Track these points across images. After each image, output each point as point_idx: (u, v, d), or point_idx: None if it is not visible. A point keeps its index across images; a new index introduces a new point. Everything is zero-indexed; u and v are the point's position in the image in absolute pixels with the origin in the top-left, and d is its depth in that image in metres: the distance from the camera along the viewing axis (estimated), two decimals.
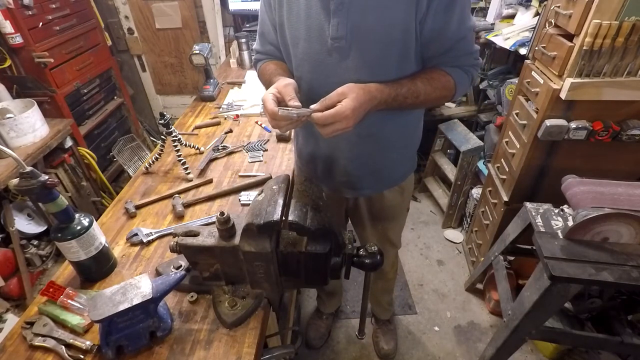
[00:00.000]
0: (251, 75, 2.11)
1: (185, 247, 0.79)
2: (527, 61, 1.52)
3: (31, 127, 1.80)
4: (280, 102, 0.80)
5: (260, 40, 1.05)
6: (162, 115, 1.23)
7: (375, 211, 1.24)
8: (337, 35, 0.83)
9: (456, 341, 1.78)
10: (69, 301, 0.85)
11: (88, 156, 2.24)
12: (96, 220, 0.93)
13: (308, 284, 0.84)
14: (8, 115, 1.76)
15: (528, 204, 1.34)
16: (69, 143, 2.08)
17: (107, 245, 0.94)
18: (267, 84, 0.96)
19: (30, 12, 1.87)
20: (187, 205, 1.17)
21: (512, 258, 1.73)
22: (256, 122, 1.65)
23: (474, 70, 0.94)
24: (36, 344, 0.79)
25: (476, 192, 2.14)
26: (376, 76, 0.85)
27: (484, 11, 2.14)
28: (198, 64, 1.82)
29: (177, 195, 1.21)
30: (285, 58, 1.00)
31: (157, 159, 1.34)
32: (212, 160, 1.39)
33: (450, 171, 2.35)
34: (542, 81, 1.35)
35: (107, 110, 2.52)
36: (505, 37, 1.81)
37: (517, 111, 1.54)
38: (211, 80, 1.90)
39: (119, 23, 2.73)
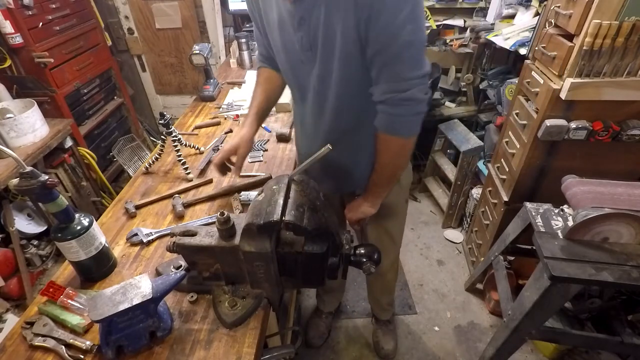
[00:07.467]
0: (251, 75, 2.11)
1: (183, 247, 0.78)
2: (527, 61, 1.52)
3: (31, 127, 1.80)
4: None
5: (258, 43, 1.12)
6: (162, 115, 1.23)
7: None
8: (302, 47, 0.88)
9: (456, 341, 1.78)
10: (69, 301, 0.85)
11: (88, 156, 2.24)
12: (96, 220, 0.93)
13: (305, 284, 0.84)
14: (8, 115, 1.76)
15: (528, 204, 1.34)
16: (69, 143, 2.08)
17: (107, 245, 0.94)
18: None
19: (30, 12, 1.87)
20: (187, 205, 1.17)
21: (512, 258, 1.73)
22: None
23: (408, 103, 0.81)
24: (36, 344, 0.79)
25: (476, 192, 2.14)
26: (338, 86, 0.89)
27: (484, 11, 2.14)
28: (198, 64, 1.82)
29: (177, 195, 1.21)
30: None
31: (157, 159, 1.34)
32: (212, 160, 1.39)
33: (450, 171, 2.35)
34: (542, 81, 1.35)
35: (107, 110, 2.52)
36: (505, 37, 1.81)
37: (517, 111, 1.54)
38: (211, 80, 1.90)
39: (119, 23, 2.73)
